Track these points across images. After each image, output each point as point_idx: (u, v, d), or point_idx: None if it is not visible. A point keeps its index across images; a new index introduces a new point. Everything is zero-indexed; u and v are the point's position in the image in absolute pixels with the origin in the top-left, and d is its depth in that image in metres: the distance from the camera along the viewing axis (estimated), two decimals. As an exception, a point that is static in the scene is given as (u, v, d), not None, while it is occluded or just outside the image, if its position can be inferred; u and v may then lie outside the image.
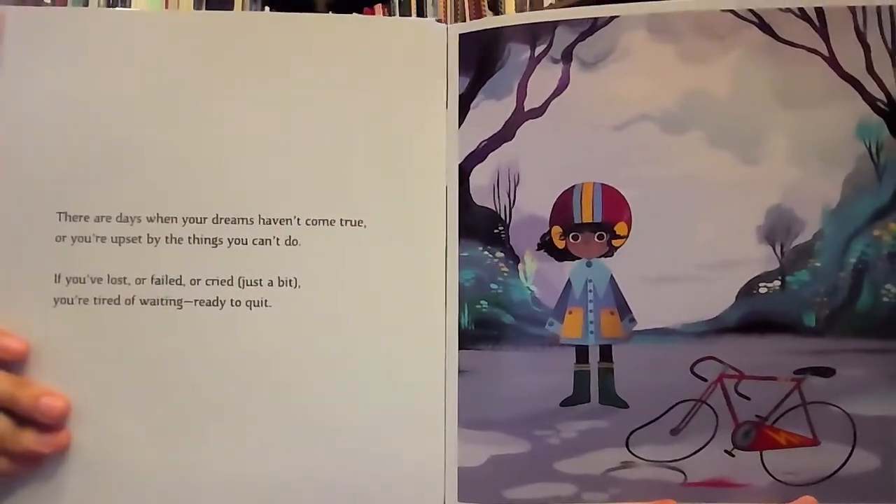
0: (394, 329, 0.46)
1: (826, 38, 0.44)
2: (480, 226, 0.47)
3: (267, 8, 1.73)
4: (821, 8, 0.44)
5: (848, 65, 0.44)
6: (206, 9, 1.61)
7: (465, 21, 1.99)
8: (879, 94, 0.44)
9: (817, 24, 0.44)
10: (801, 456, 0.45)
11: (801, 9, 0.44)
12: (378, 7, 1.89)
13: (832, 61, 0.44)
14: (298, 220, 0.46)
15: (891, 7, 0.44)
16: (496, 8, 1.69)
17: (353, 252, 0.46)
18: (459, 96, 0.47)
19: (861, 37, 0.44)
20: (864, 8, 0.44)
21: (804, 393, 0.44)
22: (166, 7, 1.61)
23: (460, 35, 0.47)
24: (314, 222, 0.46)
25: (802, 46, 0.44)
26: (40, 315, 0.45)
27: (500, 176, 0.46)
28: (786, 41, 0.44)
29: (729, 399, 0.45)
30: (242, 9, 1.68)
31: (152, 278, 0.46)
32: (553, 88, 0.46)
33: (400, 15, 1.81)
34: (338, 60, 0.47)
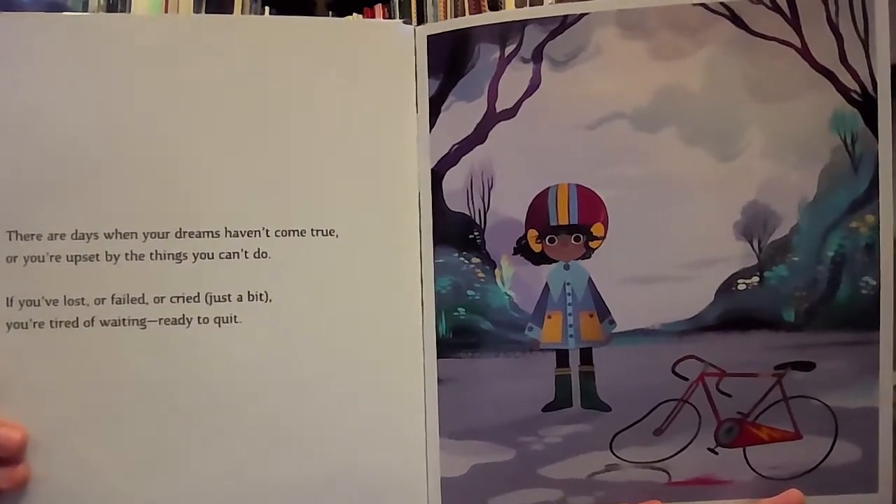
0: (370, 340, 0.45)
1: (798, 30, 0.44)
2: (455, 231, 0.45)
3: (267, 9, 1.69)
4: (792, -1, 0.44)
5: (821, 56, 0.43)
6: (207, 11, 1.57)
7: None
8: (853, 85, 0.43)
9: (789, 15, 0.44)
10: (783, 450, 0.45)
11: (772, 0, 0.44)
12: (378, 7, 1.84)
13: (805, 53, 0.43)
14: (267, 231, 0.45)
15: (862, -5, 0.43)
16: (497, 7, 1.67)
17: (325, 263, 0.45)
18: (430, 99, 0.45)
19: (833, 27, 0.43)
20: (835, -3, 0.43)
21: (785, 388, 0.44)
22: (166, 10, 1.55)
23: (428, 36, 0.45)
24: (284, 233, 0.45)
25: (775, 39, 0.44)
26: None
27: (473, 179, 0.45)
28: (758, 34, 0.44)
29: (711, 397, 0.45)
30: (242, 11, 1.64)
31: (112, 297, 0.44)
32: (524, 88, 0.45)
33: (400, 15, 1.77)
34: (303, 65, 0.45)
